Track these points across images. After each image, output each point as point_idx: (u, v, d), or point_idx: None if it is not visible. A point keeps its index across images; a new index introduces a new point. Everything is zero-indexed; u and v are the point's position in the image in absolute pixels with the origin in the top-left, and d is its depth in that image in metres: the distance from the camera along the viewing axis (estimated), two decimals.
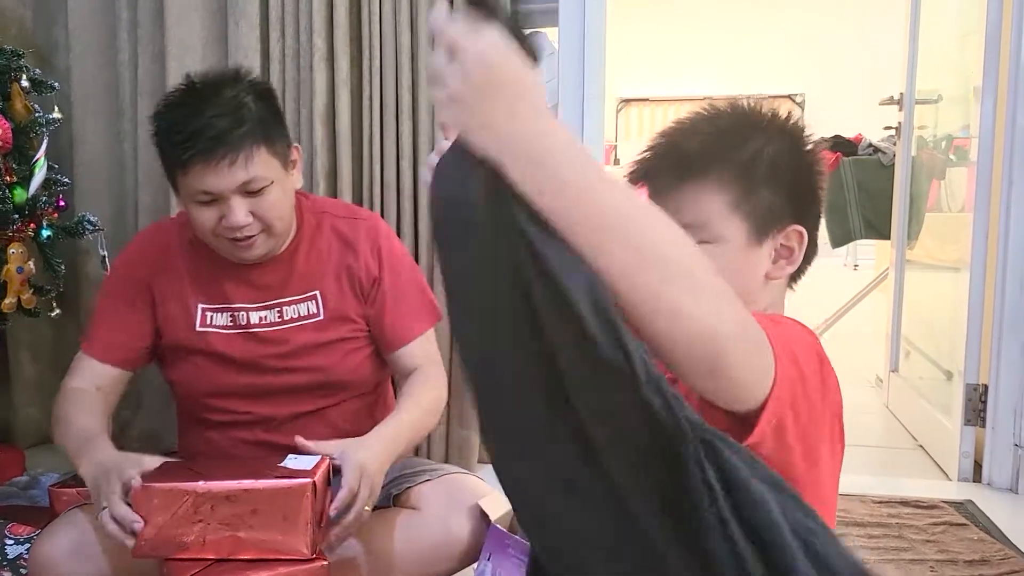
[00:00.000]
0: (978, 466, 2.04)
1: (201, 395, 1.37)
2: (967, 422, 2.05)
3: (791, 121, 0.82)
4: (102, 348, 1.35)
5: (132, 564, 1.16)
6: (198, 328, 1.34)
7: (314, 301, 1.35)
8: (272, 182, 1.24)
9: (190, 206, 1.25)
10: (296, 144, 1.34)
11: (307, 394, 1.35)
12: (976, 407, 2.03)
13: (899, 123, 2.79)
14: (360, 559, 1.22)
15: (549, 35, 2.18)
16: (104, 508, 1.04)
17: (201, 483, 1.03)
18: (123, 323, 1.35)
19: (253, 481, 1.03)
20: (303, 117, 2.00)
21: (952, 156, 2.47)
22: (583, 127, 2.09)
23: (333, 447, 1.16)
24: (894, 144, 3.01)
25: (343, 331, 1.36)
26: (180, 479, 1.04)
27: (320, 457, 1.13)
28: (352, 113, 1.99)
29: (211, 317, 1.35)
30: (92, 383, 1.33)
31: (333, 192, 2.01)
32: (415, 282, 1.43)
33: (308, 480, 1.03)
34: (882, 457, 2.33)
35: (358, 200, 2.02)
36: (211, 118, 1.19)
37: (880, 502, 1.84)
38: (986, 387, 2.02)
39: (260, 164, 1.22)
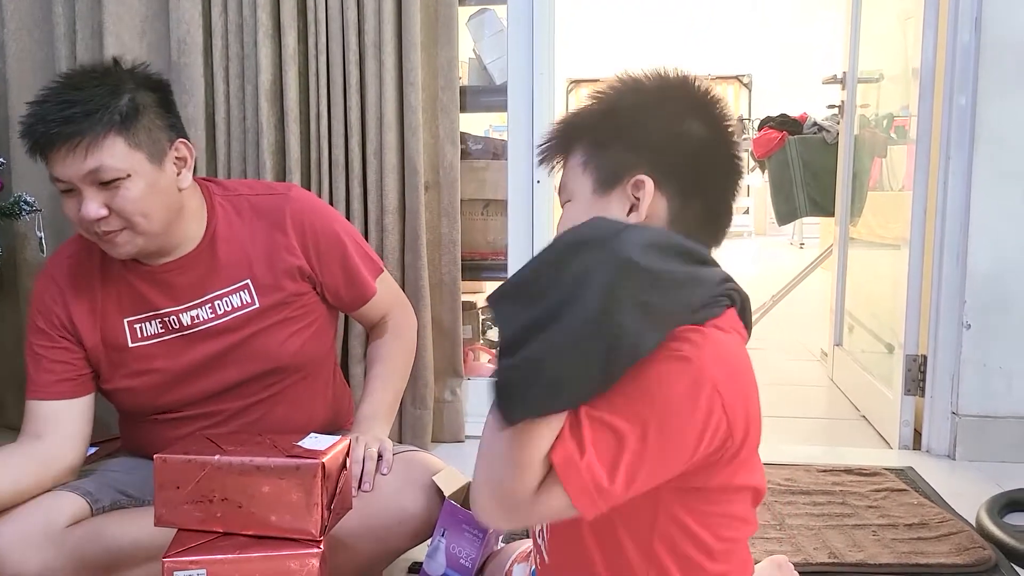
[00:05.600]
0: (917, 434, 2.11)
1: (143, 408, 1.33)
2: (907, 392, 2.11)
3: (663, 81, 0.87)
4: (50, 387, 1.27)
5: (84, 555, 1.15)
6: (131, 345, 1.28)
7: (246, 290, 1.30)
8: (129, 175, 1.16)
9: (60, 195, 1.20)
10: (184, 140, 1.26)
11: (254, 384, 1.33)
12: (915, 377, 2.10)
13: (842, 102, 2.85)
14: None
15: (498, 13, 2.17)
16: None
17: (216, 457, 1.05)
18: (61, 360, 1.28)
19: (265, 458, 1.05)
20: (248, 94, 1.96)
21: (893, 135, 2.53)
22: (532, 105, 2.09)
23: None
24: (838, 123, 3.07)
25: (282, 314, 1.32)
26: (198, 452, 1.07)
27: (339, 438, 1.13)
28: (299, 89, 1.96)
29: (141, 329, 1.29)
30: (56, 440, 1.24)
31: (282, 170, 1.99)
32: (353, 242, 1.39)
33: (318, 461, 1.04)
34: (827, 428, 2.40)
35: (306, 180, 2.00)
36: (61, 104, 1.14)
37: (824, 471, 1.90)
38: (925, 358, 2.09)
39: (110, 154, 1.14)
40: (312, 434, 1.13)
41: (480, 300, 2.71)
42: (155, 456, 1.06)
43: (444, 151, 2.03)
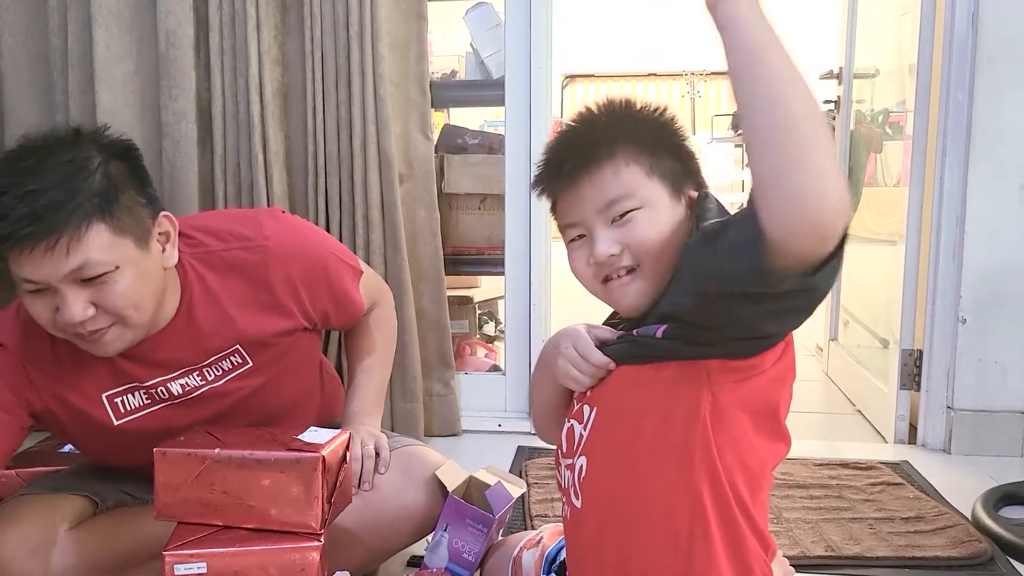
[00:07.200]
0: (913, 428, 2.12)
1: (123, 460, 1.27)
2: (903, 386, 2.12)
3: (655, 110, 0.94)
4: None
5: (88, 556, 1.14)
6: (116, 423, 1.17)
7: (237, 354, 1.20)
8: (117, 267, 1.01)
9: (23, 294, 1.03)
10: (167, 214, 1.11)
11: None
12: (911, 372, 2.11)
13: (838, 97, 2.85)
14: None
15: (495, 6, 2.17)
16: None
17: (216, 450, 1.05)
18: None
19: (265, 452, 1.04)
20: (241, 87, 1.95)
21: (888, 130, 2.53)
22: (530, 99, 2.09)
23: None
24: (834, 118, 3.08)
25: (280, 365, 1.25)
26: (198, 445, 1.06)
27: (339, 431, 1.12)
28: (292, 85, 1.95)
29: (123, 403, 1.17)
30: None
31: (279, 168, 1.97)
32: (335, 261, 1.28)
33: (318, 455, 1.04)
34: (823, 422, 2.40)
35: (303, 179, 1.99)
36: (23, 196, 0.95)
37: (821, 465, 1.90)
38: (920, 352, 2.09)
39: (95, 246, 0.98)
40: (312, 427, 1.13)
41: (477, 294, 2.70)
42: (155, 450, 1.05)
43: (416, 143, 2.01)
